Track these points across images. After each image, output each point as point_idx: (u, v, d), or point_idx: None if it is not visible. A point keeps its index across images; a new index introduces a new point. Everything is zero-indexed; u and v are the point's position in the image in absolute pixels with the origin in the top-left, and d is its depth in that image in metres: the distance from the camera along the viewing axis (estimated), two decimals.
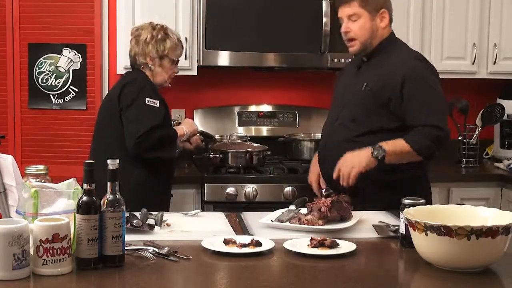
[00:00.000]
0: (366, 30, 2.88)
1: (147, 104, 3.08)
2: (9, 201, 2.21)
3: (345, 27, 2.90)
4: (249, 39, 3.94)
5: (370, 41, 2.89)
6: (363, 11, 2.87)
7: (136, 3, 3.92)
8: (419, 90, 2.80)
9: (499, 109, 4.26)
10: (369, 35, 2.88)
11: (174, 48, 3.25)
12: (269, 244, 2.14)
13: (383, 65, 2.88)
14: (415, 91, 2.79)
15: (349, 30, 2.89)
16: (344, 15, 2.90)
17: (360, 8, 2.86)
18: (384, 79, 2.84)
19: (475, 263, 1.93)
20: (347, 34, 2.90)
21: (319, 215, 2.38)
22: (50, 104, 4.18)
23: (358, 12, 2.86)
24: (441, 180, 3.97)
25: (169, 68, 3.26)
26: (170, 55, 3.24)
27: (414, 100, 2.79)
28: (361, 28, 2.87)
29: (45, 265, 1.83)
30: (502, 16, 4.26)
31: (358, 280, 1.93)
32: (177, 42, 3.28)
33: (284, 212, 2.53)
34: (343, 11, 2.90)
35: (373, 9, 2.88)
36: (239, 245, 2.13)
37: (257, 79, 4.40)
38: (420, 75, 2.83)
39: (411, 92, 2.79)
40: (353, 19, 2.87)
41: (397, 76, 2.81)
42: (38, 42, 4.14)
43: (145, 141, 3.03)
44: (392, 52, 2.91)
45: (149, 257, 2.01)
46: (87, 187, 1.90)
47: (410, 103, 2.79)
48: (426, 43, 4.19)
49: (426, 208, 2.13)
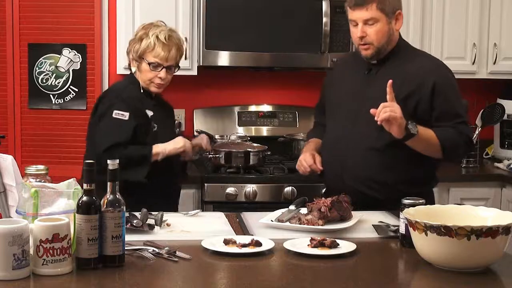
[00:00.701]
0: (383, 34, 2.72)
1: (113, 117, 2.89)
2: (9, 201, 2.21)
3: (362, 31, 2.71)
4: (249, 39, 3.94)
5: (386, 45, 2.75)
6: (381, 14, 2.70)
7: (136, 3, 3.93)
8: (450, 96, 2.75)
9: (499, 109, 4.26)
10: (385, 40, 2.74)
11: (149, 49, 2.93)
12: (269, 244, 2.14)
13: (404, 70, 2.76)
14: (445, 98, 2.73)
15: (365, 35, 2.72)
16: (360, 19, 2.71)
17: (378, 12, 2.69)
18: (410, 85, 2.72)
19: (475, 263, 1.93)
20: (363, 39, 2.72)
21: (319, 215, 2.38)
22: (50, 104, 4.19)
23: (376, 16, 2.69)
24: (441, 180, 3.95)
25: (148, 72, 2.96)
26: (146, 57, 2.95)
27: (445, 105, 2.72)
28: (378, 33, 2.71)
29: (45, 265, 1.83)
30: (502, 16, 4.27)
31: (358, 280, 1.93)
32: (154, 43, 2.93)
33: (284, 212, 2.53)
34: (359, 15, 2.71)
35: (391, 12, 2.72)
36: (239, 245, 2.13)
37: (257, 79, 4.40)
38: (451, 83, 2.78)
39: (441, 99, 2.72)
40: (369, 23, 2.70)
41: (427, 82, 2.71)
42: (38, 42, 4.14)
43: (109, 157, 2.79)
44: (409, 56, 2.81)
45: (149, 257, 2.01)
46: (87, 187, 1.90)
47: (440, 108, 2.72)
48: (426, 43, 4.19)
49: (426, 208, 2.13)
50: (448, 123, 2.72)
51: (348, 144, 2.77)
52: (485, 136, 4.37)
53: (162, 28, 2.98)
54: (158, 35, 2.93)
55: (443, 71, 2.81)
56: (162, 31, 2.95)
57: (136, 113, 2.93)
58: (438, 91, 2.72)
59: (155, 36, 2.93)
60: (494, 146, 4.52)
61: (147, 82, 2.98)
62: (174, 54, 2.96)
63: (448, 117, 2.73)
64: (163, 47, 2.93)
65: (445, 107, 2.73)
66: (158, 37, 2.93)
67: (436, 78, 2.74)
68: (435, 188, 3.92)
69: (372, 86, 2.78)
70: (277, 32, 3.95)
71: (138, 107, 2.96)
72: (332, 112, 2.94)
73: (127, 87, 3.02)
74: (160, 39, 2.93)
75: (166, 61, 2.95)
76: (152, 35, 2.93)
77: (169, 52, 2.94)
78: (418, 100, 2.72)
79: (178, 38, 3.02)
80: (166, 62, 2.95)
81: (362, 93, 2.80)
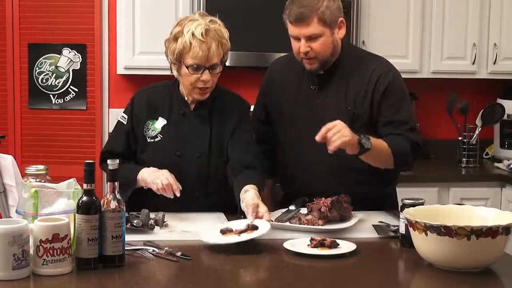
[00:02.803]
0: (328, 47, 2.60)
1: (118, 120, 2.71)
2: (9, 201, 2.21)
3: (305, 47, 2.57)
4: (249, 39, 3.94)
5: (331, 57, 2.63)
6: (324, 28, 2.56)
7: (136, 3, 3.93)
8: (399, 101, 2.66)
9: (499, 109, 4.26)
10: (330, 51, 2.61)
11: (185, 50, 2.51)
12: (266, 226, 2.16)
13: (354, 79, 2.66)
14: (394, 102, 2.64)
15: (309, 50, 2.58)
16: (302, 35, 2.57)
17: (320, 26, 2.55)
18: (362, 95, 2.64)
19: (475, 263, 1.93)
20: (308, 54, 2.59)
21: (319, 215, 2.38)
22: (50, 104, 4.19)
23: (319, 32, 2.55)
24: (441, 180, 3.97)
25: (189, 75, 2.54)
26: (184, 60, 2.53)
27: (393, 111, 2.64)
28: (322, 46, 2.58)
29: (45, 265, 1.83)
30: (502, 16, 4.27)
31: (358, 280, 1.93)
32: (190, 42, 2.50)
33: (284, 212, 2.53)
34: (301, 31, 2.57)
35: (333, 22, 2.58)
36: (237, 232, 2.13)
37: (257, 79, 4.38)
38: (398, 85, 2.68)
39: (390, 103, 2.64)
40: (312, 38, 2.57)
41: (378, 86, 2.63)
42: (38, 42, 4.15)
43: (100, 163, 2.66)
44: (356, 62, 2.70)
45: (149, 257, 2.01)
46: (87, 187, 1.90)
47: (388, 114, 2.64)
48: (426, 43, 4.20)
49: (426, 208, 2.13)
50: (395, 130, 2.62)
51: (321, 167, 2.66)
52: (485, 136, 4.38)
53: (198, 22, 2.53)
54: (193, 32, 2.49)
55: (393, 74, 2.68)
56: (198, 26, 2.51)
57: (137, 117, 2.66)
58: (387, 96, 2.64)
59: (191, 33, 2.49)
60: (494, 146, 4.52)
61: (190, 87, 2.58)
62: (215, 51, 2.51)
63: (396, 124, 2.63)
64: (200, 45, 2.49)
65: (393, 112, 2.64)
66: (194, 33, 2.49)
67: (387, 82, 2.64)
68: (435, 188, 3.95)
69: (323, 102, 2.68)
70: (277, 32, 3.93)
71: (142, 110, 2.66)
72: (281, 126, 2.80)
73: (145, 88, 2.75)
74: (196, 36, 2.49)
75: (207, 61, 2.52)
76: (187, 32, 2.50)
77: (208, 50, 2.50)
78: (370, 103, 2.64)
79: (218, 30, 2.56)
80: (207, 62, 2.52)
81: (314, 109, 2.68)
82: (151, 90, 2.73)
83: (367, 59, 2.73)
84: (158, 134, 2.65)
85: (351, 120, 2.59)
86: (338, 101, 2.66)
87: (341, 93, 2.67)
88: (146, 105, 2.67)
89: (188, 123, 2.65)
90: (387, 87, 2.64)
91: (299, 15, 2.56)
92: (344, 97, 2.66)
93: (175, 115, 2.66)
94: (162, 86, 2.74)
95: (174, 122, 2.65)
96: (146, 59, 3.94)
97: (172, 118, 2.66)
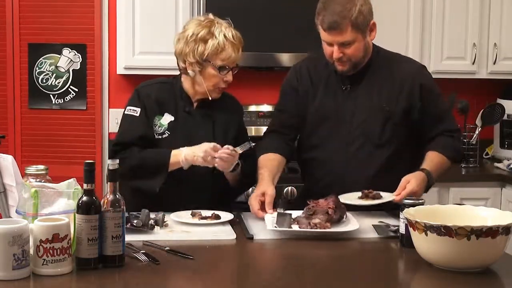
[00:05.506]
0: (360, 50, 2.63)
1: (125, 114, 2.67)
2: (9, 201, 2.21)
3: (338, 52, 2.60)
4: (249, 39, 3.90)
5: (363, 59, 2.68)
6: (357, 34, 2.58)
7: (136, 3, 3.93)
8: (436, 98, 2.75)
9: (499, 109, 4.27)
10: (363, 54, 2.66)
11: (218, 51, 2.57)
12: (228, 217, 2.43)
13: (387, 79, 2.72)
14: (433, 100, 2.73)
15: (342, 56, 2.61)
16: (335, 42, 2.59)
17: (354, 33, 2.57)
18: (397, 93, 2.69)
19: (475, 263, 1.93)
20: (340, 59, 2.62)
21: (326, 218, 2.37)
22: (50, 104, 4.19)
23: (352, 38, 2.58)
24: (441, 180, 3.96)
25: (214, 76, 2.61)
26: (213, 61, 2.58)
27: (434, 109, 2.72)
28: (356, 50, 2.62)
29: (45, 265, 1.83)
30: (502, 16, 4.27)
31: (358, 280, 1.93)
32: (224, 44, 2.56)
33: (278, 218, 2.40)
34: (334, 38, 2.58)
35: (365, 27, 2.61)
36: (199, 216, 2.44)
37: (257, 79, 4.39)
38: (433, 84, 2.77)
39: (429, 102, 2.71)
40: (346, 44, 2.59)
41: (414, 87, 2.69)
42: (38, 42, 4.15)
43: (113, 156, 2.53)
44: (387, 62, 2.75)
45: (143, 260, 1.98)
46: (87, 187, 1.90)
47: (430, 113, 2.71)
48: (426, 43, 4.20)
49: (426, 208, 2.13)
50: (441, 126, 2.73)
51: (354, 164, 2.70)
52: (485, 136, 4.38)
53: (225, 25, 2.63)
54: (226, 34, 2.58)
55: (427, 71, 2.82)
56: (227, 29, 2.61)
57: (147, 111, 2.65)
58: (425, 95, 2.71)
59: (223, 36, 2.57)
60: (494, 146, 4.52)
61: (211, 88, 2.63)
62: (240, 54, 2.65)
63: (438, 120, 2.73)
64: (233, 47, 2.59)
65: (434, 110, 2.73)
66: (226, 36, 2.58)
67: (422, 81, 2.71)
68: (435, 188, 3.94)
69: (355, 101, 2.72)
70: (278, 32, 3.95)
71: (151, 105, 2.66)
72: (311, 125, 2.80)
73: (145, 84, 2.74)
74: (228, 38, 2.58)
75: (233, 63, 2.63)
76: (219, 34, 2.57)
77: (238, 52, 2.62)
78: (408, 108, 2.69)
79: (238, 33, 2.67)
80: (233, 63, 2.63)
81: (347, 111, 2.72)
82: (154, 86, 2.74)
83: (398, 58, 2.81)
84: (165, 131, 2.67)
85: (385, 118, 2.68)
86: (370, 100, 2.71)
87: (373, 92, 2.71)
88: (154, 100, 2.68)
89: (192, 120, 2.69)
90: (426, 83, 2.73)
91: (332, 24, 2.57)
92: (378, 96, 2.71)
93: (180, 112, 2.69)
94: (163, 83, 2.76)
95: (180, 119, 2.68)
96: (146, 59, 3.95)
97: (178, 115, 2.69)
